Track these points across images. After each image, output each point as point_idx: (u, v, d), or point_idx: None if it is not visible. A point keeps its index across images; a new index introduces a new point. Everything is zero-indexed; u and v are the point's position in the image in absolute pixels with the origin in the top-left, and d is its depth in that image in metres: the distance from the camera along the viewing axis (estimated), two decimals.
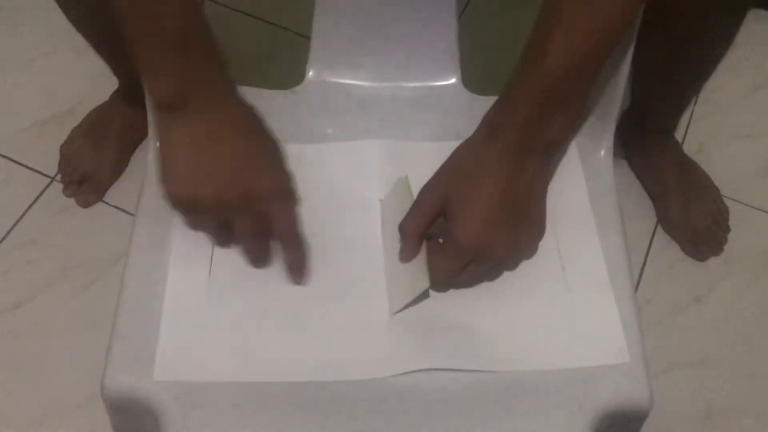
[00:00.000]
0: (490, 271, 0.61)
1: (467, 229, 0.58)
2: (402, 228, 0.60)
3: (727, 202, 1.13)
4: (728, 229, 1.11)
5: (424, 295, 0.59)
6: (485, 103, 0.72)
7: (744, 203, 1.15)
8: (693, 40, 0.86)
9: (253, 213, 0.58)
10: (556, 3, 0.55)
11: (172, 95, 0.56)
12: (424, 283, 0.58)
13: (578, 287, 0.60)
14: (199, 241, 0.62)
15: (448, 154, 0.60)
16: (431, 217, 0.59)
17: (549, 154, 0.61)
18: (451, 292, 0.61)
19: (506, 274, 0.61)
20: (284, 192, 0.59)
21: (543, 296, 0.60)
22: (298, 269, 0.61)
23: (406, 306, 0.59)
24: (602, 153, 0.68)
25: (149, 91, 0.57)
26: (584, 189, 0.66)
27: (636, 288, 1.05)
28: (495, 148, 0.58)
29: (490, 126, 0.59)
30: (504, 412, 0.55)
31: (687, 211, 1.09)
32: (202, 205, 0.57)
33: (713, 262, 1.10)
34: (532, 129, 0.57)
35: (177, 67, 0.55)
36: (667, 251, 1.10)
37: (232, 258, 0.61)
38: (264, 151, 0.59)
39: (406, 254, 0.60)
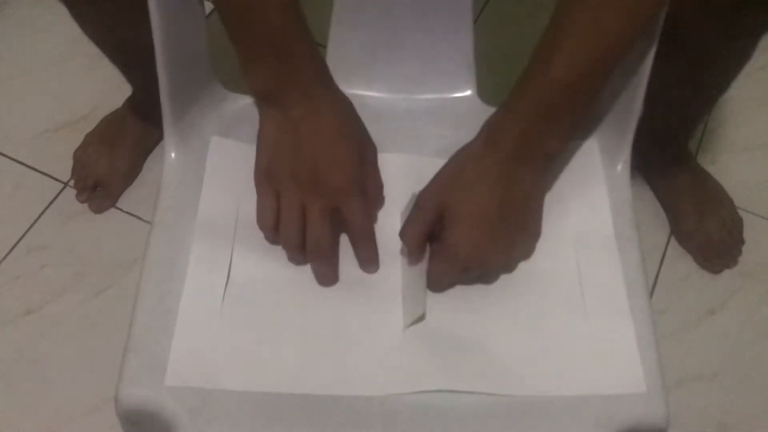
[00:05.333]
0: (484, 277, 0.62)
1: (461, 241, 0.58)
2: (402, 235, 0.61)
3: (741, 214, 1.12)
4: (742, 241, 1.11)
5: (421, 318, 0.59)
6: None
7: (758, 215, 1.14)
8: (707, 63, 0.85)
9: (325, 201, 0.60)
10: (562, 18, 0.56)
11: (267, 87, 0.60)
12: (420, 309, 0.59)
13: (597, 313, 0.60)
14: (219, 249, 0.62)
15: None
16: (430, 224, 0.60)
17: (546, 164, 0.62)
18: (470, 312, 0.60)
19: (526, 297, 0.61)
20: (355, 187, 0.60)
21: (561, 321, 0.60)
22: (369, 263, 0.62)
23: (410, 325, 0.59)
24: (619, 168, 0.67)
25: (247, 81, 0.61)
26: (607, 210, 0.65)
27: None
28: (493, 157, 0.59)
29: (489, 133, 0.60)
30: (519, 430, 0.55)
31: (701, 222, 1.08)
32: (278, 183, 0.61)
33: (727, 274, 1.09)
34: (530, 139, 0.58)
35: (272, 62, 0.58)
36: (681, 263, 1.10)
37: (252, 266, 0.61)
38: (345, 146, 0.60)
39: (411, 260, 0.61)
